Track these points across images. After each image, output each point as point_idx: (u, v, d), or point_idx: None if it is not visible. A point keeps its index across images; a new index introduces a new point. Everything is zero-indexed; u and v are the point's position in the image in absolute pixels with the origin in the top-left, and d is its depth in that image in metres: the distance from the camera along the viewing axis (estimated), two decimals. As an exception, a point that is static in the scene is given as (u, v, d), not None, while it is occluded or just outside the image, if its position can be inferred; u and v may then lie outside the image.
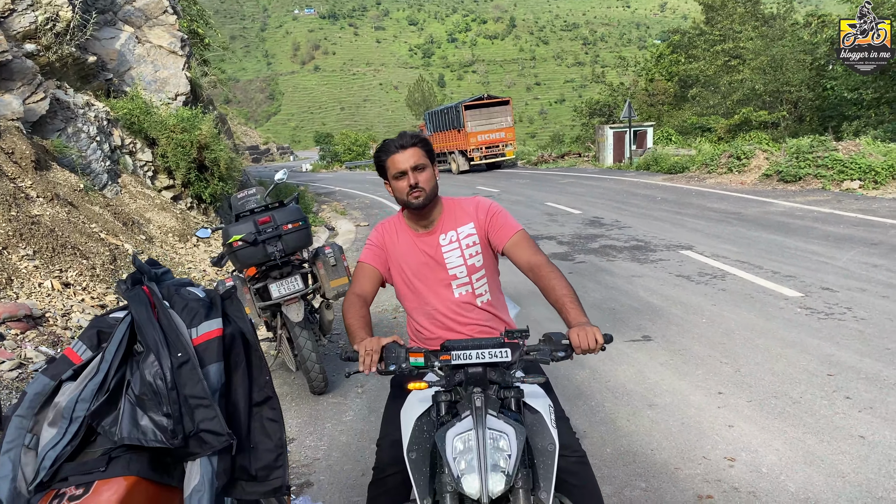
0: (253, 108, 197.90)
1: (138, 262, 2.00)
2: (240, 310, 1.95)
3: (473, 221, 2.48)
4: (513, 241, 2.41)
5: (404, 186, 2.33)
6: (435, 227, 2.48)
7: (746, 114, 30.00)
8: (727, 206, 12.88)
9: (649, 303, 6.54)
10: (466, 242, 2.46)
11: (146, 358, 1.65)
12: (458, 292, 2.47)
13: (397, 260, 2.48)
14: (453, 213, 2.50)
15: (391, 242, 2.50)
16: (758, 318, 5.77)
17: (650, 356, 5.03)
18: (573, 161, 30.98)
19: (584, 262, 8.74)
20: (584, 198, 16.14)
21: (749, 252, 8.49)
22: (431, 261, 2.45)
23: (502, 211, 2.51)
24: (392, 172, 2.35)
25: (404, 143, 2.33)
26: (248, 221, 4.24)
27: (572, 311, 2.13)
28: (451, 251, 2.45)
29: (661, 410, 4.04)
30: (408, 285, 2.49)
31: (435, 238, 2.46)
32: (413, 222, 2.48)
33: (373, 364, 1.95)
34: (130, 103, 10.08)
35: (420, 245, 2.46)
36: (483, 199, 2.56)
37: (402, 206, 2.43)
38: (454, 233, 2.47)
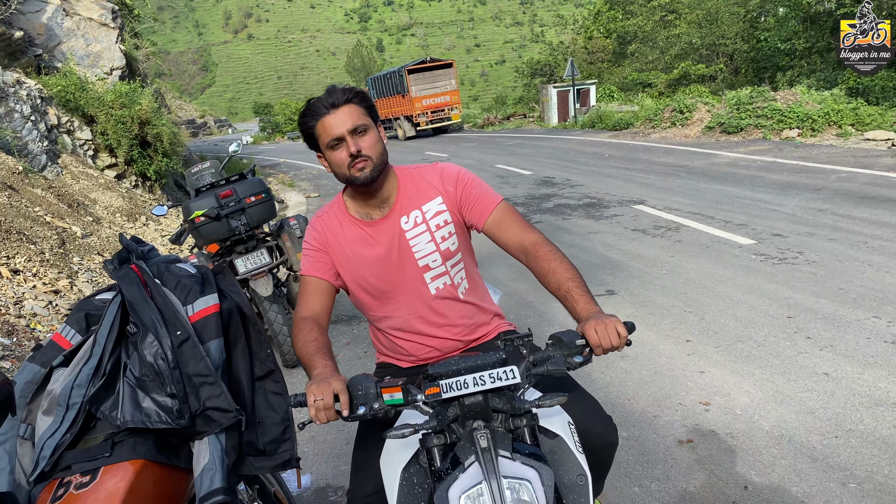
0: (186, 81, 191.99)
1: (125, 240, 1.91)
2: (233, 284, 1.89)
3: (441, 195, 1.99)
4: (495, 217, 1.95)
5: (344, 157, 1.83)
6: (392, 208, 1.98)
7: (685, 68, 30.45)
8: (674, 159, 13.12)
9: (609, 258, 6.64)
10: (436, 223, 1.98)
11: (144, 338, 1.59)
12: (435, 286, 2.00)
13: (348, 261, 1.98)
14: (414, 187, 2.00)
15: (335, 240, 1.99)
16: (715, 266, 5.93)
17: (616, 309, 5.12)
18: (519, 122, 31.07)
19: (541, 221, 8.81)
20: (534, 158, 16.22)
21: (700, 203, 8.68)
22: (394, 252, 1.96)
23: (475, 178, 2.03)
24: (325, 141, 1.83)
25: (336, 101, 1.82)
26: (210, 196, 4.12)
27: (581, 300, 1.71)
28: (419, 236, 1.96)
29: (633, 361, 4.14)
30: (367, 290, 2.01)
31: (394, 222, 1.96)
32: (361, 205, 1.98)
33: (329, 414, 1.49)
34: (64, 80, 9.64)
35: (375, 235, 1.97)
36: (448, 166, 2.04)
37: (345, 182, 1.92)
38: (418, 212, 1.98)
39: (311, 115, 1.85)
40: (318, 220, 2.04)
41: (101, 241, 7.17)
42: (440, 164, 2.07)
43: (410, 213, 1.97)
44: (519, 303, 5.50)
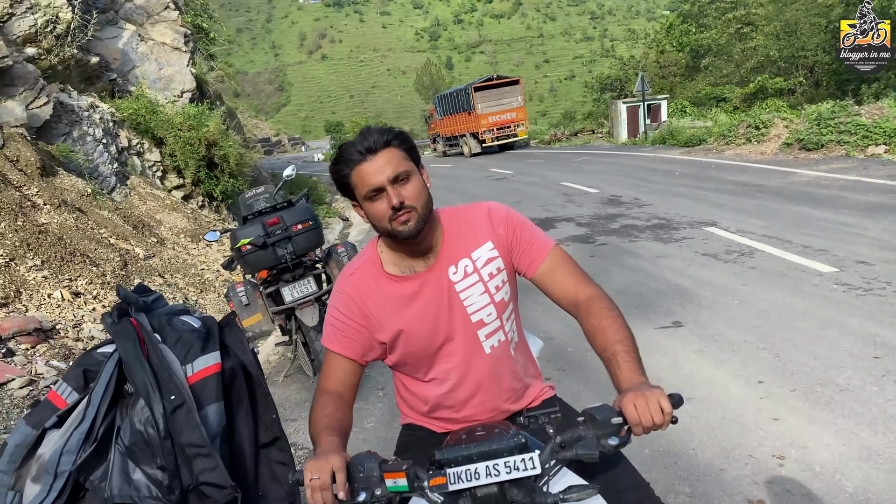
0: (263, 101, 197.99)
1: (123, 291, 1.78)
2: (240, 339, 1.73)
3: (492, 239, 1.76)
4: (548, 265, 1.74)
5: (384, 210, 1.59)
6: (438, 258, 1.73)
7: (762, 81, 29.38)
8: (749, 178, 12.54)
9: (677, 285, 6.29)
10: (489, 271, 1.75)
11: (136, 403, 1.46)
12: (490, 344, 1.76)
13: (389, 325, 1.72)
14: (460, 232, 1.77)
15: (372, 303, 1.73)
16: (792, 297, 5.52)
17: (683, 344, 4.80)
18: (587, 138, 30.60)
19: (606, 244, 8.50)
20: (601, 176, 15.83)
21: (776, 226, 8.20)
22: (443, 309, 1.71)
23: (525, 220, 1.82)
24: (362, 191, 1.60)
25: (372, 145, 1.58)
26: (257, 224, 4.06)
27: (626, 367, 1.49)
28: (470, 287, 1.73)
29: (700, 404, 3.83)
30: (412, 355, 1.76)
31: (441, 273, 1.72)
32: (401, 258, 1.74)
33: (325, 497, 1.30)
34: (136, 103, 9.92)
35: (420, 290, 1.71)
36: (496, 206, 1.83)
37: (386, 236, 1.69)
38: (468, 261, 1.74)
39: (344, 162, 1.61)
40: (347, 280, 1.76)
41: (163, 263, 7.26)
42: (486, 204, 1.84)
43: (459, 263, 1.73)
44: (553, 350, 5.18)
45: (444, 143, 35.44)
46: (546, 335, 5.12)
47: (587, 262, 7.58)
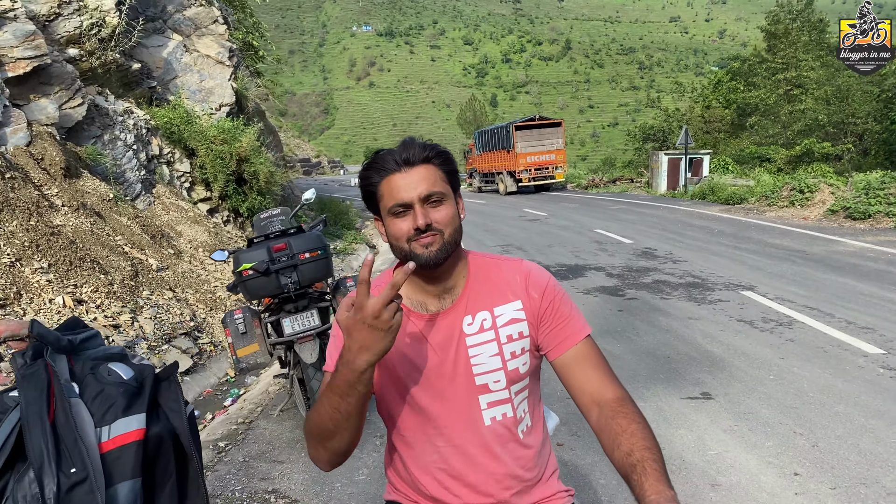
0: (308, 122, 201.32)
1: (38, 327, 1.49)
2: (177, 399, 1.42)
3: (522, 300, 1.55)
4: (578, 352, 1.52)
5: (407, 229, 1.41)
6: (456, 302, 1.53)
7: (809, 145, 28.82)
8: (790, 242, 12.07)
9: (709, 351, 5.89)
10: (508, 333, 1.52)
11: (25, 474, 1.17)
12: (491, 415, 1.53)
13: (387, 359, 1.50)
14: (488, 281, 1.56)
15: None
16: (834, 377, 5.09)
17: (712, 419, 4.40)
18: (625, 186, 30.20)
19: (636, 298, 8.11)
20: (636, 226, 15.44)
21: (818, 296, 7.75)
22: (448, 360, 1.51)
23: (566, 295, 1.60)
24: (388, 204, 1.43)
25: (411, 157, 1.43)
26: (262, 248, 3.79)
27: (652, 476, 1.26)
28: (482, 345, 1.51)
29: (727, 493, 3.43)
30: (403, 400, 1.54)
31: (455, 320, 1.52)
32: (416, 291, 1.54)
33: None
34: (172, 112, 9.87)
35: (428, 332, 1.52)
36: (536, 268, 1.61)
37: (402, 259, 1.49)
38: (487, 314, 1.53)
39: (376, 169, 1.46)
40: None
41: (176, 276, 7.06)
42: (527, 264, 1.61)
43: (477, 314, 1.53)
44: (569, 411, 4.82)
45: (481, 178, 35.32)
46: (563, 393, 4.75)
47: (615, 317, 7.21)
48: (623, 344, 6.23)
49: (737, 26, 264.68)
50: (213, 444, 4.30)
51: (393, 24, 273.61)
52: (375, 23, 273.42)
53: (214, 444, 4.30)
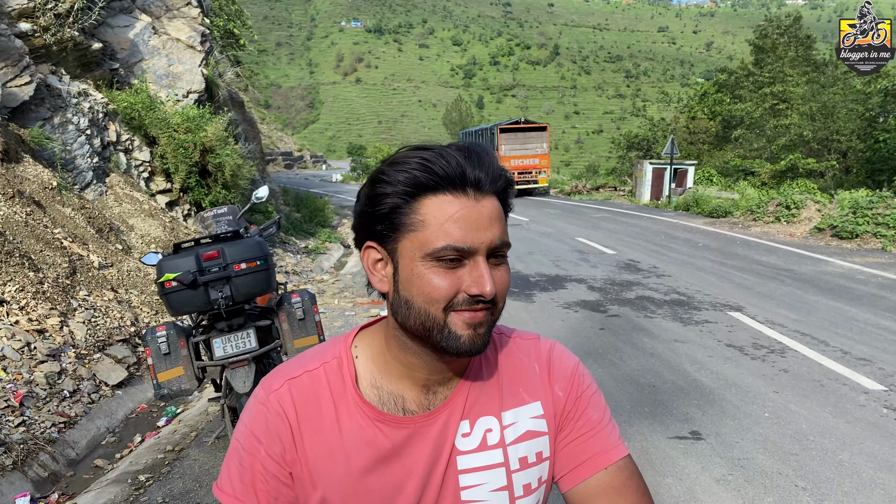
0: (292, 115, 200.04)
1: None
2: None
3: (542, 400, 1.03)
4: (606, 482, 0.98)
5: (452, 290, 0.88)
6: (450, 399, 0.99)
7: (794, 160, 28.65)
8: (777, 260, 11.68)
9: (697, 381, 5.41)
10: (523, 453, 1.00)
11: None
12: None
13: (332, 491, 0.95)
14: (495, 366, 1.03)
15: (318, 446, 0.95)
16: (834, 417, 4.62)
17: (703, 466, 3.91)
18: (608, 194, 29.84)
19: (618, 315, 7.62)
20: (619, 236, 15.00)
21: (809, 321, 7.32)
22: (429, 495, 0.96)
23: (598, 393, 1.07)
24: (431, 241, 0.87)
25: (485, 180, 0.90)
26: (189, 255, 3.20)
27: None
28: (484, 471, 0.98)
29: (724, 566, 2.93)
30: None
31: (445, 430, 0.97)
32: (394, 380, 0.98)
33: None
34: (134, 97, 9.22)
35: (401, 447, 0.96)
36: (560, 350, 1.08)
37: (419, 336, 0.92)
38: (494, 422, 1.00)
39: (420, 171, 0.87)
40: (284, 388, 0.97)
41: (121, 275, 6.45)
42: (545, 341, 1.08)
43: (478, 421, 0.99)
44: None
45: (463, 180, 34.81)
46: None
47: (596, 336, 6.72)
48: (605, 368, 5.73)
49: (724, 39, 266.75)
50: (132, 477, 3.72)
51: (382, 20, 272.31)
52: (365, 19, 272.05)
53: (134, 477, 3.72)
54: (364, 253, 0.93)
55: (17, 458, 3.63)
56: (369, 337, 1.01)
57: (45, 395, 4.33)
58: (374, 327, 1.02)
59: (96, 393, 4.71)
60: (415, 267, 0.88)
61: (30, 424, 3.98)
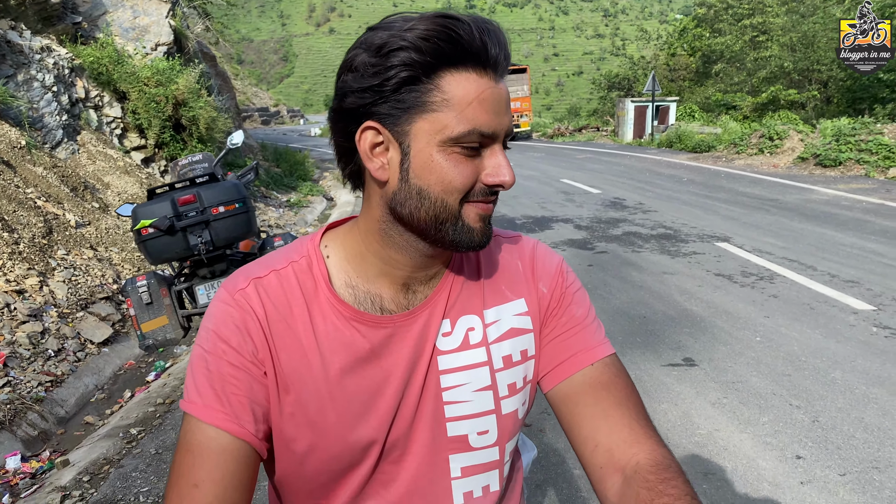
0: (266, 70, 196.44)
1: None
2: None
3: (526, 297, 0.96)
4: (590, 378, 0.92)
5: (473, 177, 0.81)
6: (430, 298, 0.91)
7: (775, 92, 28.51)
8: (762, 191, 11.66)
9: (687, 310, 5.40)
10: (507, 351, 0.94)
11: None
12: (467, 489, 0.94)
13: (305, 388, 0.86)
14: (477, 265, 0.97)
15: (290, 346, 0.86)
16: (825, 338, 4.64)
17: (697, 390, 3.91)
18: (591, 135, 29.65)
19: (606, 252, 7.59)
20: (604, 175, 14.93)
21: (797, 248, 7.33)
22: (411, 394, 0.90)
23: (583, 291, 1.01)
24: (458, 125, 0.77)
25: (501, 61, 0.80)
26: (165, 200, 3.08)
27: None
28: (466, 371, 0.92)
29: (722, 485, 2.93)
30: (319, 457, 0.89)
31: (426, 329, 0.90)
32: (371, 280, 0.89)
33: None
34: (100, 51, 8.91)
35: (380, 347, 0.88)
36: (544, 249, 1.02)
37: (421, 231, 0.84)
38: (476, 321, 0.93)
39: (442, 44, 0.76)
40: (250, 287, 0.87)
41: (99, 233, 6.31)
42: (529, 240, 1.02)
43: (459, 320, 0.92)
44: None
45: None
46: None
47: (585, 273, 6.69)
48: (595, 302, 5.69)
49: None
50: (123, 431, 3.67)
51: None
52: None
53: (126, 431, 3.67)
54: (360, 135, 0.80)
55: (4, 418, 3.57)
56: (340, 236, 0.93)
57: (28, 355, 4.25)
58: (344, 227, 0.94)
59: (82, 351, 4.63)
60: (433, 153, 0.79)
61: (15, 384, 3.91)
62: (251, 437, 0.84)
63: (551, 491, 2.92)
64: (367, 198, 0.87)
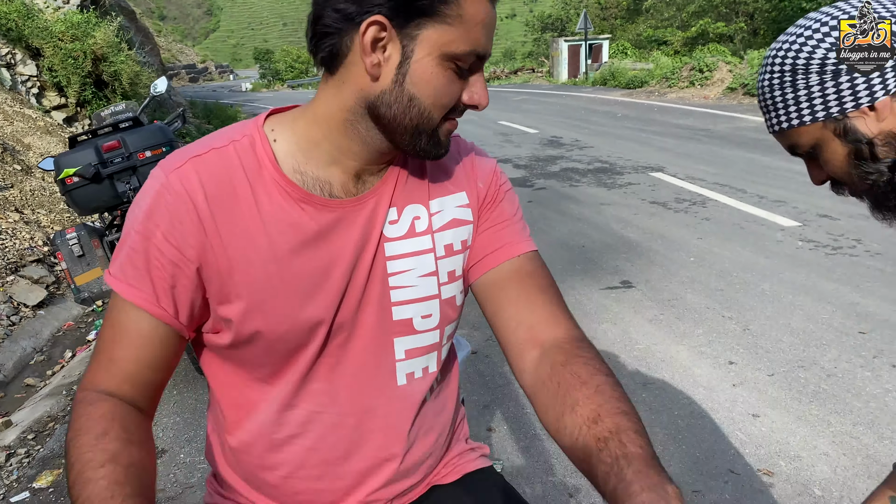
0: (190, 25, 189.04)
1: None
2: None
3: (467, 191, 1.00)
4: (516, 268, 0.97)
5: (454, 95, 0.84)
6: (378, 186, 0.93)
7: (703, 26, 28.90)
8: (694, 122, 11.93)
9: (624, 237, 5.55)
10: (448, 241, 0.97)
11: None
12: (409, 370, 0.98)
13: (245, 275, 0.85)
14: (420, 164, 0.97)
15: (232, 223, 0.85)
16: (755, 254, 4.84)
17: (635, 310, 4.05)
18: (527, 77, 29.63)
19: (545, 188, 7.69)
20: (541, 116, 15.00)
21: (727, 173, 7.56)
22: (358, 277, 0.91)
23: (513, 192, 1.06)
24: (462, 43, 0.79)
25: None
26: (88, 148, 2.98)
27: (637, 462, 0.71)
28: (412, 257, 0.95)
29: (661, 393, 3.07)
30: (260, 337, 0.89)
31: (373, 216, 0.92)
32: (323, 159, 0.88)
33: None
34: (6, 5, 8.41)
35: (325, 230, 0.88)
36: (480, 149, 1.06)
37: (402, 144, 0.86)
38: (422, 210, 0.96)
39: None
40: (180, 172, 0.84)
41: (23, 196, 6.07)
42: (466, 141, 1.05)
43: (406, 209, 0.95)
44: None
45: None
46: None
47: (525, 209, 6.63)
48: (535, 236, 5.70)
49: None
50: (66, 389, 3.61)
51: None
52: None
53: (69, 389, 3.61)
54: (365, 28, 0.77)
55: (-62, 385, 3.46)
56: (288, 122, 0.90)
57: (-41, 321, 4.10)
58: (291, 114, 0.92)
59: (16, 315, 4.50)
60: (432, 64, 0.79)
61: (-53, 352, 3.79)
62: (172, 319, 0.85)
63: (497, 411, 3.01)
64: (339, 85, 0.84)
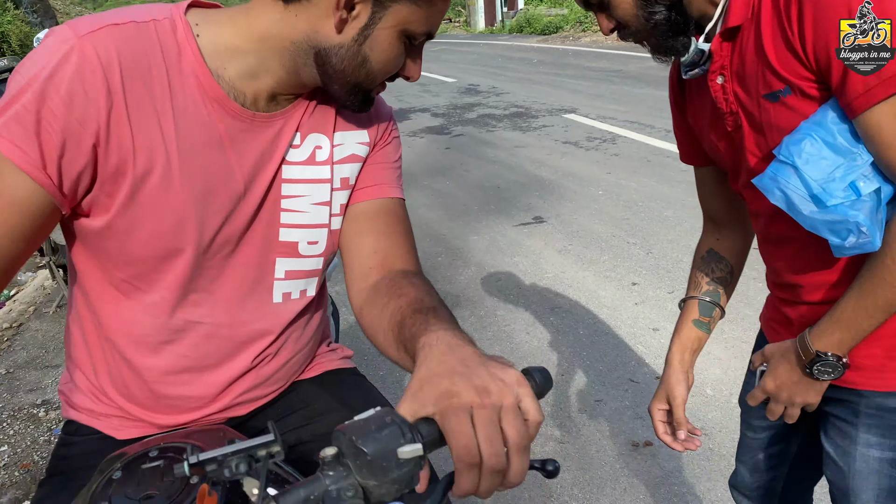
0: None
1: None
2: None
3: (368, 130, 1.03)
4: (385, 207, 1.02)
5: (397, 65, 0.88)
6: (289, 109, 0.93)
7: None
8: (607, 63, 12.11)
9: (537, 177, 5.65)
10: (344, 175, 1.00)
11: None
12: (286, 290, 1.02)
13: (152, 159, 0.82)
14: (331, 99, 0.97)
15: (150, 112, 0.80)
16: (659, 184, 5.02)
17: (545, 242, 4.16)
18: (444, 27, 29.32)
19: (463, 135, 7.71)
20: (458, 65, 14.93)
21: (637, 111, 7.75)
22: (248, 188, 0.91)
23: (399, 143, 1.11)
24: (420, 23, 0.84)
25: None
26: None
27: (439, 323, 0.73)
28: (308, 184, 0.97)
29: (567, 314, 3.20)
30: (135, 230, 0.85)
31: (278, 136, 0.92)
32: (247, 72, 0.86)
33: None
34: None
35: (231, 136, 0.87)
36: (383, 100, 1.09)
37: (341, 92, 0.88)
38: (325, 140, 0.97)
39: None
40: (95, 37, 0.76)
41: None
42: None
43: (309, 136, 0.96)
44: (427, 235, 4.45)
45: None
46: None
47: (442, 155, 6.79)
48: (452, 181, 5.85)
49: None
50: (-31, 359, 3.49)
51: None
52: None
53: (-29, 358, 3.49)
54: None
55: None
56: (213, 22, 0.86)
57: None
58: (219, 15, 0.87)
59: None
60: (392, 36, 0.83)
61: None
62: (54, 189, 0.77)
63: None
64: (290, 15, 0.81)
